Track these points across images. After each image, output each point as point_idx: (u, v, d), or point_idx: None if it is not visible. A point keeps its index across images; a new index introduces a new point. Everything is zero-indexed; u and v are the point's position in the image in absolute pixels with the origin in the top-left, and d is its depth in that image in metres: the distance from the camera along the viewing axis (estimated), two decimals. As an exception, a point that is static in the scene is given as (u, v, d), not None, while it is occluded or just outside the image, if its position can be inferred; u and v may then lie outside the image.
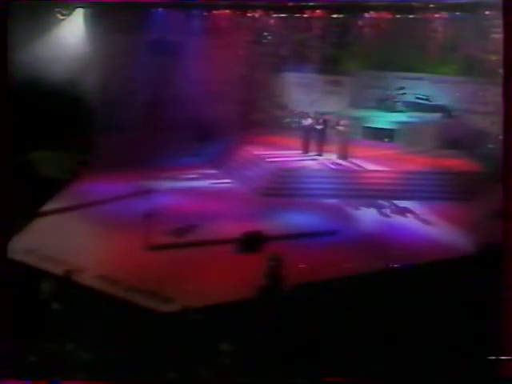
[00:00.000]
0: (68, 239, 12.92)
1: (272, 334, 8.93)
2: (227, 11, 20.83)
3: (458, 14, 19.02)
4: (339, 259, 12.27)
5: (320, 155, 18.21)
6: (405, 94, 21.02)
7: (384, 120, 20.40)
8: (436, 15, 19.57)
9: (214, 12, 20.82)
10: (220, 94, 20.28)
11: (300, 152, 18.50)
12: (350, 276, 11.34)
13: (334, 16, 20.75)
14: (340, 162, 17.89)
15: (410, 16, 19.64)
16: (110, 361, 7.92)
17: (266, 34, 21.94)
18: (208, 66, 19.91)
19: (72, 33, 18.64)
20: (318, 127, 18.28)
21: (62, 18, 18.64)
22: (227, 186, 17.36)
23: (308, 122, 18.59)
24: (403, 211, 15.49)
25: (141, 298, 10.51)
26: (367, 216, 15.17)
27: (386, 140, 19.96)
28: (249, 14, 21.26)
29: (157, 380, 7.76)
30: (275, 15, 21.49)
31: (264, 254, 11.29)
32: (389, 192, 16.42)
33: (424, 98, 20.75)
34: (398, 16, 19.85)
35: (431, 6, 19.15)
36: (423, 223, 14.76)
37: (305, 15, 21.08)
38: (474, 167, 17.73)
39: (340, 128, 18.00)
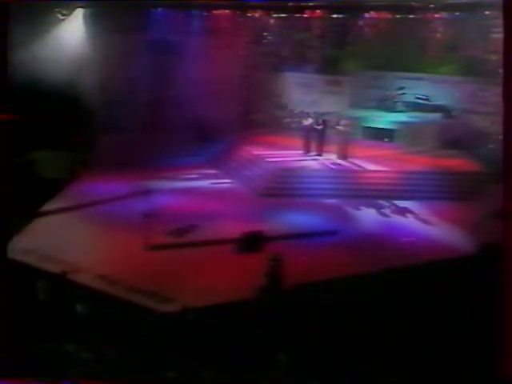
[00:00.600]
0: (68, 239, 12.92)
1: (272, 334, 8.93)
2: (227, 11, 20.85)
3: (457, 14, 19.04)
4: (339, 259, 12.28)
5: (320, 155, 18.20)
6: (405, 94, 21.02)
7: (384, 120, 20.39)
8: (436, 15, 19.59)
9: (214, 12, 20.83)
10: (220, 94, 20.25)
11: (300, 152, 18.50)
12: (350, 276, 11.35)
13: (334, 16, 20.77)
14: (340, 161, 17.88)
15: (410, 16, 19.66)
16: (110, 361, 7.93)
17: (265, 34, 21.95)
18: (208, 66, 19.90)
19: (72, 33, 18.64)
20: (318, 127, 18.27)
21: (62, 18, 18.64)
22: (227, 186, 17.36)
23: (308, 122, 18.59)
24: (403, 211, 15.49)
25: (141, 298, 10.50)
26: (367, 216, 15.17)
27: (386, 140, 19.96)
28: (249, 14, 21.28)
29: (157, 380, 7.76)
30: (275, 15, 21.51)
31: (264, 254, 11.29)
32: (389, 192, 16.42)
33: (424, 97, 20.76)
34: (397, 16, 19.88)
35: (431, 6, 19.18)
36: (423, 223, 14.76)
37: (305, 15, 21.11)
38: (474, 167, 17.74)
39: (340, 128, 18.00)
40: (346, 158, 17.91)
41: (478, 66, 18.81)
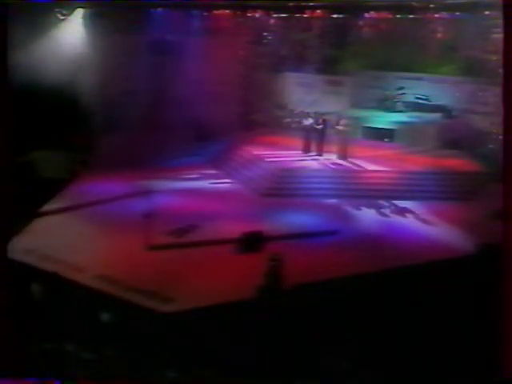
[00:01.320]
0: (68, 239, 12.92)
1: (272, 334, 8.93)
2: (227, 11, 20.84)
3: (457, 13, 19.03)
4: (339, 259, 12.28)
5: (320, 155, 18.21)
6: (405, 94, 21.02)
7: (384, 120, 20.39)
8: (436, 15, 19.57)
9: (214, 12, 20.81)
10: (220, 94, 20.25)
11: (300, 152, 18.51)
12: (350, 276, 11.34)
13: (334, 16, 20.74)
14: (340, 161, 17.89)
15: (410, 16, 19.65)
16: (110, 361, 7.93)
17: (265, 34, 21.95)
18: (208, 66, 19.89)
19: (72, 33, 18.64)
20: (318, 127, 18.29)
21: (62, 18, 18.63)
22: (227, 186, 17.35)
23: (308, 121, 18.60)
24: (403, 211, 15.49)
25: (141, 298, 10.50)
26: (367, 216, 15.16)
27: (386, 140, 19.96)
28: (249, 14, 21.26)
29: (157, 380, 7.77)
30: (275, 15, 21.49)
31: (264, 254, 11.29)
32: (389, 192, 16.41)
33: (424, 98, 20.76)
34: (398, 16, 19.86)
35: (431, 6, 19.17)
36: (423, 223, 14.76)
37: (305, 15, 21.09)
38: (474, 167, 17.74)
39: (340, 128, 18.01)
40: (346, 158, 17.91)
41: (478, 66, 18.81)
